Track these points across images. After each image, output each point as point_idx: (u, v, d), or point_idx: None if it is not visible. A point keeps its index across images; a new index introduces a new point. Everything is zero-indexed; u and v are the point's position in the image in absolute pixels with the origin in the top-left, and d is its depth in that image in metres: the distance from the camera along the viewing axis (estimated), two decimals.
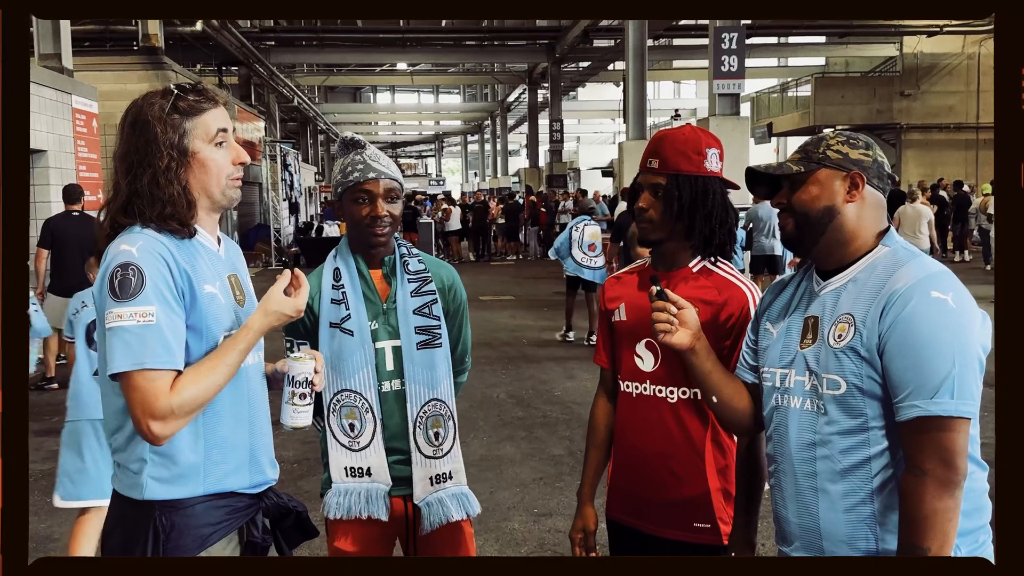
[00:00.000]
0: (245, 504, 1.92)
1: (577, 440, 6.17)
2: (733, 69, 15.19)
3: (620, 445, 2.32)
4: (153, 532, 1.79)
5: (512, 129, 47.26)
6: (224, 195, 1.93)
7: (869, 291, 1.72)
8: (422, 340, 2.35)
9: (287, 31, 28.55)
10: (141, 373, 1.71)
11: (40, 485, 5.44)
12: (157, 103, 1.86)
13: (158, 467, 1.81)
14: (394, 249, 2.43)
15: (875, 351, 1.67)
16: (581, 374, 8.25)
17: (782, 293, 1.96)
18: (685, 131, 2.23)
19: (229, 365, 1.82)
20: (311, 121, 37.87)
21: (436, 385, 2.37)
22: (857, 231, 1.79)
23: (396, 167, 2.42)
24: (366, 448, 2.34)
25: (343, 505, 2.33)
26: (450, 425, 2.40)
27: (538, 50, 28.28)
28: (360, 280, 2.37)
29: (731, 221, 2.22)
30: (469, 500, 2.42)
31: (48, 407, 7.41)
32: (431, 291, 2.39)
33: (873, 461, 1.70)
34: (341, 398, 2.33)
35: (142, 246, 1.78)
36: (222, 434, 1.87)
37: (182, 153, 1.86)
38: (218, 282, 1.90)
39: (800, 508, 1.80)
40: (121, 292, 1.73)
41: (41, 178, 10.47)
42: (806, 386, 1.78)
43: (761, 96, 33.50)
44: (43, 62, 11.21)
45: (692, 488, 2.18)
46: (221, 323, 1.87)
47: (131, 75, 15.71)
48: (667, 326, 1.94)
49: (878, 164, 1.82)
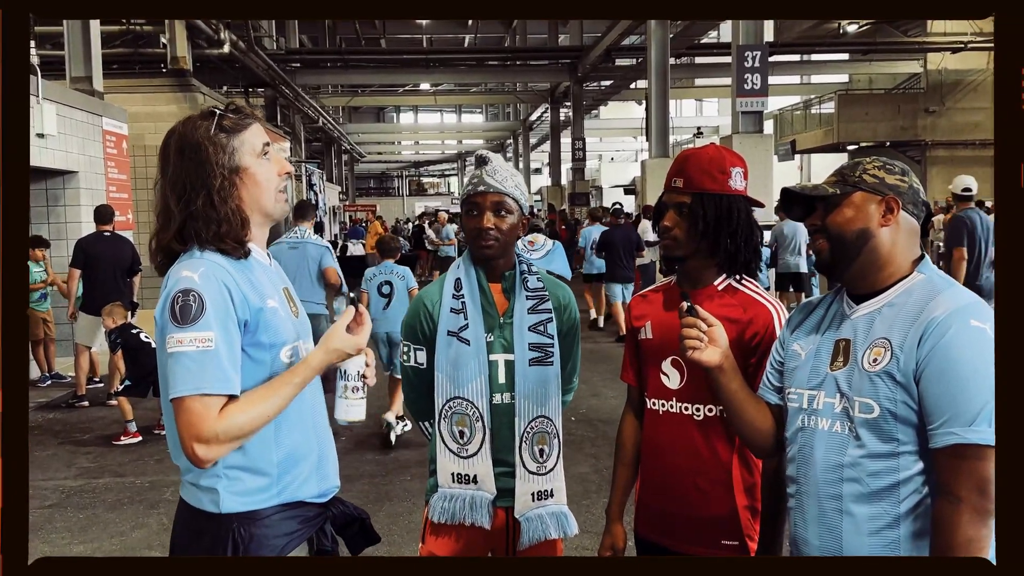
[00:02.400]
0: (315, 513, 1.96)
1: (603, 458, 6.16)
2: (756, 87, 15.15)
3: (647, 463, 2.33)
4: (232, 544, 1.83)
5: (534, 148, 47.28)
6: (276, 207, 1.98)
7: (906, 317, 1.72)
8: (534, 357, 2.39)
9: (312, 53, 28.87)
10: (199, 398, 1.75)
11: (72, 501, 5.51)
12: (203, 125, 1.90)
13: (234, 481, 1.85)
14: (515, 264, 2.47)
15: (911, 377, 1.67)
16: (606, 392, 8.24)
17: (811, 314, 1.96)
18: (709, 151, 2.25)
19: (283, 398, 1.85)
20: (336, 141, 38.11)
21: (545, 402, 2.40)
22: (891, 256, 1.80)
23: (518, 182, 2.43)
24: (474, 456, 2.38)
25: (448, 510, 2.37)
26: (555, 443, 2.42)
27: (560, 69, 28.36)
28: (480, 293, 2.42)
29: (756, 239, 2.23)
30: (568, 520, 2.44)
31: (79, 425, 7.52)
32: (547, 309, 2.43)
33: (902, 486, 1.70)
34: (453, 405, 2.38)
35: (204, 272, 1.81)
36: (294, 444, 1.92)
37: (233, 171, 1.90)
38: (276, 296, 1.94)
39: (823, 530, 1.79)
40: (182, 318, 1.77)
41: (72, 199, 10.64)
42: (836, 408, 1.78)
43: (784, 113, 33.41)
44: (74, 85, 11.40)
45: (719, 505, 2.19)
46: (284, 335, 1.91)
47: (160, 97, 15.91)
48: (696, 343, 1.93)
49: (913, 191, 1.82)
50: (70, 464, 6.31)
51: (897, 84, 31.12)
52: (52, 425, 7.56)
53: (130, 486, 5.81)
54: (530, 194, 43.65)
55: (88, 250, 8.22)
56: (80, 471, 6.16)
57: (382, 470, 6.03)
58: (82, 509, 5.39)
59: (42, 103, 9.41)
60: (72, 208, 10.63)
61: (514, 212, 2.40)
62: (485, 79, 33.48)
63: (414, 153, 60.02)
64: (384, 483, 5.72)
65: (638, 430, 2.37)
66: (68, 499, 5.57)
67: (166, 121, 15.94)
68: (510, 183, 2.40)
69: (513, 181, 2.41)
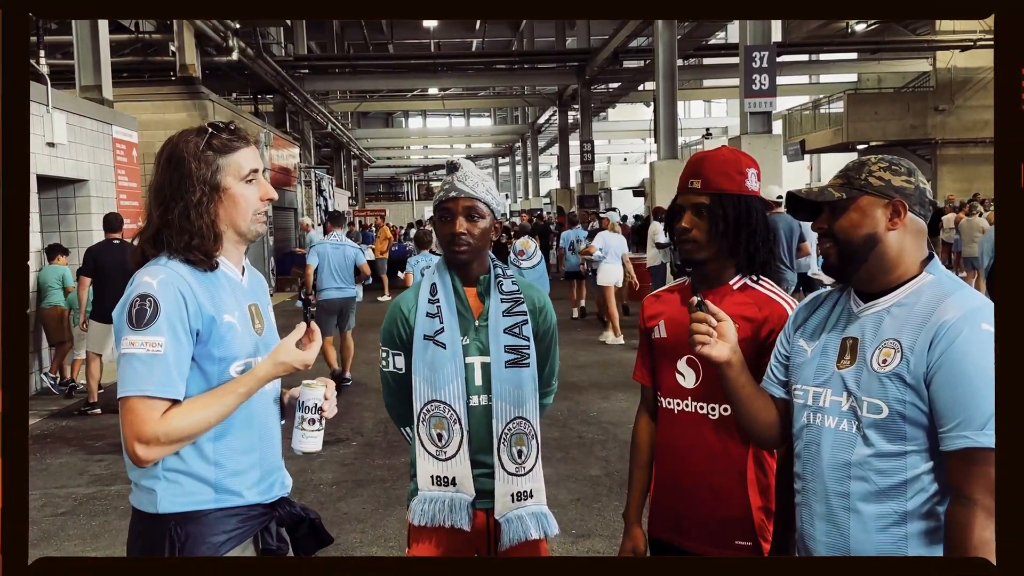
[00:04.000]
0: (258, 513, 2.01)
1: (614, 461, 6.15)
2: (764, 87, 15.13)
3: (661, 462, 2.32)
4: (169, 542, 1.90)
5: (543, 151, 47.37)
6: (250, 229, 2.04)
7: (916, 319, 1.71)
8: (510, 359, 2.40)
9: (320, 59, 28.98)
10: (141, 399, 1.83)
11: (84, 508, 5.53)
12: (192, 140, 1.97)
13: (171, 483, 1.91)
14: (489, 268, 2.49)
15: (922, 380, 1.66)
16: (616, 394, 8.23)
17: (817, 310, 1.95)
18: (724, 152, 2.25)
19: (225, 406, 1.91)
20: (344, 147, 38.25)
21: (522, 404, 2.42)
22: (900, 258, 1.79)
23: (489, 187, 2.46)
24: (452, 458, 2.39)
25: (427, 512, 2.39)
26: (533, 444, 2.44)
27: (568, 72, 28.38)
28: (455, 296, 2.44)
29: (772, 239, 2.24)
30: (548, 520, 2.45)
31: (92, 432, 7.54)
32: (522, 312, 2.44)
33: (910, 484, 1.70)
34: (431, 408, 2.40)
35: (162, 280, 1.89)
36: (234, 450, 1.97)
37: (213, 188, 1.97)
38: (237, 311, 1.99)
39: (830, 528, 1.79)
40: (137, 321, 1.85)
41: (83, 207, 10.70)
42: (843, 407, 1.78)
43: (793, 113, 33.33)
44: (84, 93, 11.47)
45: (733, 505, 2.18)
46: (236, 350, 1.97)
47: (169, 105, 16.01)
48: (705, 338, 1.95)
49: (920, 191, 1.81)
50: (82, 471, 6.33)
51: (906, 83, 30.99)
52: (64, 432, 7.59)
53: None
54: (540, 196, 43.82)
55: (97, 258, 8.26)
56: (92, 478, 6.18)
57: (392, 475, 6.03)
58: (94, 516, 5.41)
59: (52, 112, 9.47)
60: (83, 216, 10.69)
61: (486, 216, 2.42)
62: (493, 83, 33.51)
63: (423, 157, 60.18)
64: (394, 488, 5.72)
65: (653, 431, 2.37)
66: (80, 506, 5.59)
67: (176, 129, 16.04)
68: (481, 188, 2.42)
69: (484, 186, 2.43)
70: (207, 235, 1.95)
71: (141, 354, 1.83)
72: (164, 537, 1.90)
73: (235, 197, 1.98)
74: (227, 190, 1.97)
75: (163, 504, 1.91)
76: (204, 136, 1.97)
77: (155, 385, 1.83)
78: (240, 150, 2.00)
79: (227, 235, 2.01)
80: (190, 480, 1.92)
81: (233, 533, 1.95)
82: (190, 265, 1.94)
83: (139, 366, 1.83)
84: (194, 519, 1.91)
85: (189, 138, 1.98)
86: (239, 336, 1.97)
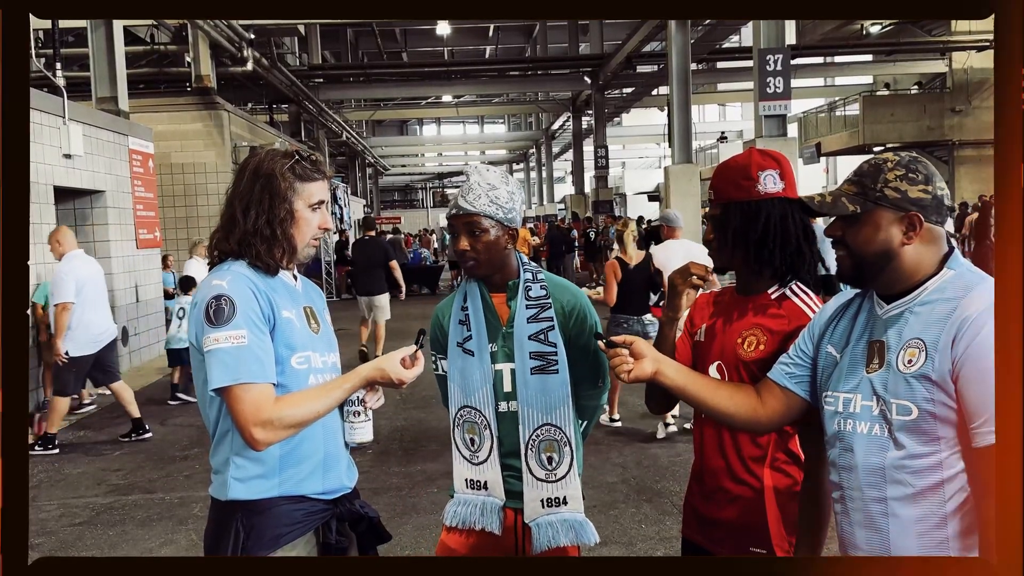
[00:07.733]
0: (320, 508, 2.15)
1: (630, 467, 6.12)
2: (779, 90, 15.07)
3: (695, 462, 2.35)
4: (235, 531, 2.05)
5: (557, 156, 47.35)
6: (304, 251, 2.22)
7: (939, 316, 1.68)
8: (536, 365, 2.40)
9: (335, 68, 29.07)
10: (240, 386, 1.99)
11: (102, 519, 5.56)
12: (280, 161, 2.16)
13: (239, 468, 2.07)
14: (518, 272, 2.49)
15: (948, 377, 1.64)
16: (630, 399, 8.18)
17: (844, 314, 1.92)
18: (739, 158, 2.22)
19: (332, 399, 2.11)
20: (359, 155, 38.39)
21: (551, 410, 2.41)
22: (917, 268, 1.76)
23: (495, 196, 2.39)
24: (484, 463, 2.45)
25: (459, 515, 2.46)
26: (566, 451, 2.42)
27: (581, 78, 28.37)
28: (482, 304, 2.47)
29: (798, 240, 2.17)
30: (583, 529, 2.43)
31: (109, 442, 7.57)
32: (548, 318, 2.43)
33: (947, 484, 1.66)
34: (464, 414, 2.46)
35: (231, 280, 2.06)
36: (297, 442, 2.10)
37: (289, 209, 2.16)
38: (294, 310, 2.17)
39: (870, 534, 1.76)
40: (216, 319, 2.01)
41: (100, 218, 10.77)
42: (874, 411, 1.75)
43: (808, 116, 33.17)
44: (100, 105, 11.55)
45: (747, 511, 2.17)
46: (296, 343, 2.12)
47: (185, 115, 16.11)
48: (625, 366, 2.00)
49: (937, 200, 1.76)
50: (100, 481, 6.36)
51: (924, 84, 30.77)
52: (82, 442, 7.64)
53: (159, 502, 5.85)
54: (554, 202, 43.81)
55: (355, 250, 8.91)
56: (110, 488, 6.21)
57: (408, 483, 6.03)
58: (112, 526, 5.43)
59: (69, 124, 9.54)
60: (100, 227, 10.77)
61: (489, 230, 2.39)
62: (506, 90, 33.56)
63: (438, 165, 60.33)
64: (411, 495, 5.72)
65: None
66: (98, 516, 5.61)
67: (191, 139, 16.24)
68: (483, 201, 2.38)
69: (488, 197, 2.38)
70: (287, 247, 2.16)
71: (227, 347, 1.99)
72: (231, 525, 2.05)
73: (300, 221, 2.17)
74: (297, 212, 2.16)
75: (232, 491, 2.06)
76: (290, 160, 2.17)
77: (247, 372, 1.98)
78: (316, 181, 2.19)
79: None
80: (256, 467, 2.06)
81: (295, 526, 2.09)
82: (253, 269, 2.12)
83: (227, 358, 1.98)
84: (259, 509, 2.06)
85: (277, 159, 2.16)
86: (297, 331, 2.13)
